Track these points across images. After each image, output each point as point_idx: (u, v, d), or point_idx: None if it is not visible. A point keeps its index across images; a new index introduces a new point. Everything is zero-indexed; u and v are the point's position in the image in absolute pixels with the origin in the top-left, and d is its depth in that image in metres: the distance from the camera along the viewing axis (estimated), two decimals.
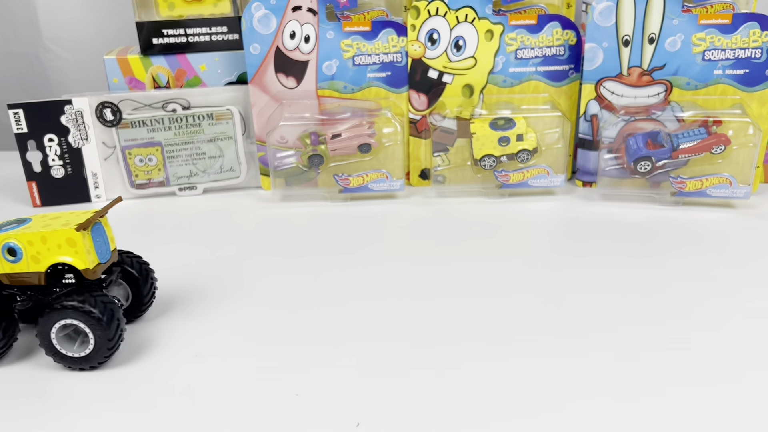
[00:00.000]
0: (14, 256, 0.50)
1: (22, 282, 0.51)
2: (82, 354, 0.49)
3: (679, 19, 0.74)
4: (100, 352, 0.49)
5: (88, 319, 0.48)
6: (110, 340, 0.49)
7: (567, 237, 0.72)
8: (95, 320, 0.48)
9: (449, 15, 0.78)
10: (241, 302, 0.60)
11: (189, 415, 0.46)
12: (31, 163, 0.81)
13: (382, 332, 0.54)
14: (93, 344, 0.49)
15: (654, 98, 0.78)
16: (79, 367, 0.50)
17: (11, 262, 0.50)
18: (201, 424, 0.45)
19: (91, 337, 0.49)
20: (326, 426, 0.45)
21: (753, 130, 0.74)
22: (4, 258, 0.50)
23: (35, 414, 0.46)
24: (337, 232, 0.74)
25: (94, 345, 0.49)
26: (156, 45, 0.82)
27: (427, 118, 0.82)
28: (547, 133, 0.79)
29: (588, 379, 0.49)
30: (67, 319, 0.48)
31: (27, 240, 0.49)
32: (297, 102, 0.81)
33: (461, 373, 0.49)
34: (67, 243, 0.49)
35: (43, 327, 0.49)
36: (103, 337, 0.49)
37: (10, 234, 0.49)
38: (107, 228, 0.52)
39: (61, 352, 0.50)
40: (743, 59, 0.75)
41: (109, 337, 0.49)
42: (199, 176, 0.84)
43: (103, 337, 0.49)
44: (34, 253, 0.49)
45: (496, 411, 0.45)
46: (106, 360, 0.50)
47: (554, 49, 0.79)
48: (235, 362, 0.51)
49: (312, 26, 0.79)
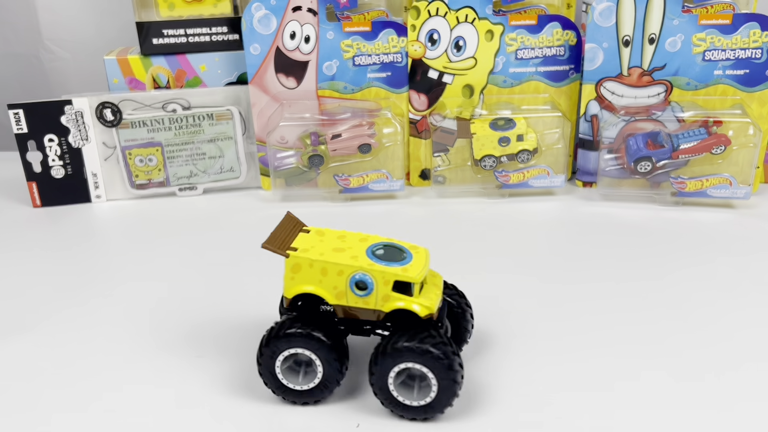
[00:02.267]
0: (364, 291, 0.45)
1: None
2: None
3: (680, 20, 0.74)
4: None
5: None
6: (455, 383, 0.43)
7: (567, 237, 0.72)
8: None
9: (449, 15, 0.78)
10: (241, 302, 0.60)
11: None
12: (31, 163, 0.81)
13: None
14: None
15: (654, 98, 0.78)
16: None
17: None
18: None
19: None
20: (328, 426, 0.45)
21: (753, 130, 0.74)
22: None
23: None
24: None
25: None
26: (156, 45, 0.82)
27: (427, 118, 0.82)
28: (547, 133, 0.79)
29: (590, 382, 0.49)
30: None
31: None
32: (297, 102, 0.81)
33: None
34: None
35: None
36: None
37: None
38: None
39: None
40: (743, 59, 0.75)
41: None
42: (200, 176, 0.84)
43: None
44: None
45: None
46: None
47: (554, 50, 0.79)
48: (238, 362, 0.51)
49: (312, 26, 0.79)
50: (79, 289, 0.64)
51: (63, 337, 0.56)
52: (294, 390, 0.46)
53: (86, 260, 0.70)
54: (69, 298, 0.62)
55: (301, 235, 0.48)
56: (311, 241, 0.47)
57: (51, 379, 0.51)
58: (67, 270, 0.68)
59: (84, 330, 0.57)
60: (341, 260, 0.45)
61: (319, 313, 0.46)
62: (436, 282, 0.47)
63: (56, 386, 0.50)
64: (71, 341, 0.56)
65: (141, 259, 0.69)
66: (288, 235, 0.48)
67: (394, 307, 0.45)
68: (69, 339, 0.56)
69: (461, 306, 0.50)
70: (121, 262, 0.69)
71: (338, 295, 0.45)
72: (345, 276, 0.45)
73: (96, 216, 0.81)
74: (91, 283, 0.65)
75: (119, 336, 0.56)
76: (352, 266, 0.44)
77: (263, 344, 0.46)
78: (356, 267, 0.44)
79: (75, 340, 0.56)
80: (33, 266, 0.69)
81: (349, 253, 0.46)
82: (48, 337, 0.56)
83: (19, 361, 0.53)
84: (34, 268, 0.68)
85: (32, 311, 0.60)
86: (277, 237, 0.47)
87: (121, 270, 0.67)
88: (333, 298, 0.46)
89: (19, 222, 0.79)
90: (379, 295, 0.45)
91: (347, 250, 0.46)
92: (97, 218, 0.80)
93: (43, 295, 0.63)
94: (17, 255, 0.72)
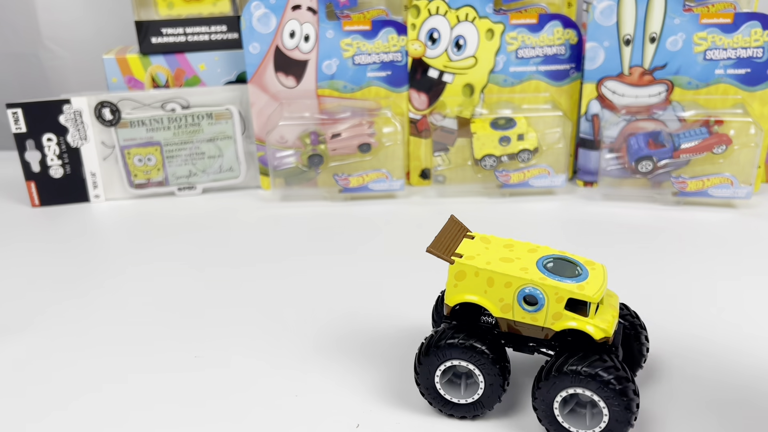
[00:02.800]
0: (533, 306, 0.42)
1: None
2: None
3: (681, 19, 0.74)
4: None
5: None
6: (629, 412, 0.40)
7: (568, 237, 0.72)
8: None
9: (450, 14, 0.77)
10: (239, 302, 0.60)
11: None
12: (30, 162, 0.81)
13: (383, 331, 0.54)
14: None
15: (655, 98, 0.77)
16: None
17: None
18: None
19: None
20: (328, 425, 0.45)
21: (754, 129, 0.74)
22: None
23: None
24: (337, 232, 0.73)
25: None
26: (155, 44, 0.82)
27: (427, 117, 0.82)
28: (548, 132, 0.79)
29: None
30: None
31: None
32: (296, 101, 0.81)
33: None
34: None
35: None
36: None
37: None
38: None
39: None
40: (745, 59, 0.74)
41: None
42: (199, 176, 0.84)
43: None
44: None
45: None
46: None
47: (555, 49, 0.78)
48: (237, 363, 0.51)
49: (312, 25, 0.78)
50: (77, 288, 0.64)
51: (62, 336, 0.56)
52: (452, 403, 0.44)
53: (85, 260, 0.70)
54: (68, 298, 0.62)
55: (466, 241, 0.45)
56: (477, 248, 0.45)
57: (50, 379, 0.51)
58: (66, 270, 0.68)
59: (83, 330, 0.57)
60: (510, 271, 0.42)
61: (480, 324, 0.44)
62: (613, 302, 0.44)
63: (56, 386, 0.50)
64: (71, 341, 0.55)
65: (140, 258, 0.69)
66: (452, 239, 0.45)
67: (566, 327, 0.41)
68: (68, 339, 0.56)
69: (635, 328, 0.46)
70: (120, 261, 0.69)
71: (504, 308, 0.43)
72: (513, 288, 0.42)
73: (95, 216, 0.80)
74: (89, 282, 0.65)
75: (119, 336, 0.56)
76: (522, 279, 0.41)
77: (422, 353, 0.44)
78: (526, 280, 0.41)
79: (74, 340, 0.55)
80: (32, 266, 0.69)
81: (518, 264, 0.43)
82: (47, 336, 0.56)
83: (18, 361, 0.53)
84: (33, 268, 0.68)
85: (31, 311, 0.60)
86: (441, 241, 0.45)
87: (119, 270, 0.67)
88: (498, 311, 0.43)
89: (18, 222, 0.79)
90: (550, 313, 0.41)
91: (516, 261, 0.43)
92: (96, 218, 0.80)
93: (41, 295, 0.63)
94: (16, 255, 0.71)
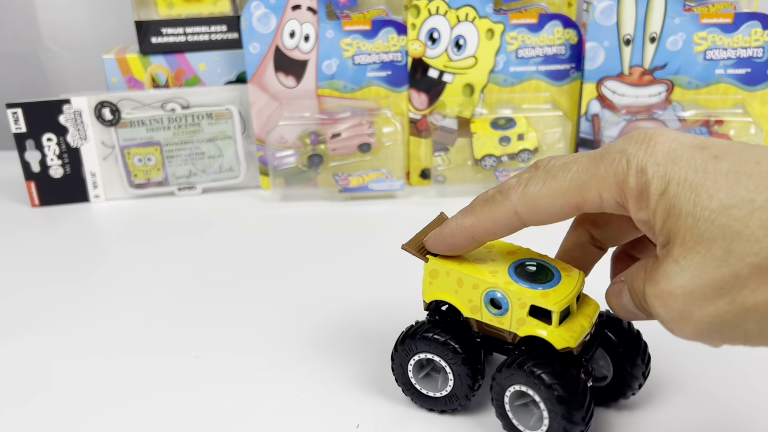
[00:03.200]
0: (498, 310, 0.41)
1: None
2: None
3: (681, 18, 0.74)
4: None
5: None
6: (570, 423, 0.39)
7: (559, 236, 0.72)
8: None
9: (450, 14, 0.77)
10: (239, 301, 0.60)
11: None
12: (30, 162, 0.81)
13: (382, 331, 0.54)
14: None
15: (655, 98, 0.77)
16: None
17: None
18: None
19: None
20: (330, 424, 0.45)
21: (755, 129, 0.74)
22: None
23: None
24: (337, 232, 0.73)
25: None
26: (155, 44, 0.82)
27: (427, 117, 0.81)
28: (548, 132, 0.79)
29: None
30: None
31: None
32: (296, 101, 0.81)
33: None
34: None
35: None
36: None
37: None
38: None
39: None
40: (745, 58, 0.75)
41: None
42: (198, 176, 0.84)
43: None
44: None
45: None
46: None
47: (555, 49, 0.78)
48: (236, 362, 0.51)
49: (312, 25, 0.78)
50: (77, 288, 0.64)
51: (62, 336, 0.56)
52: (424, 395, 0.45)
53: (85, 260, 0.70)
54: (67, 297, 0.62)
55: None
56: None
57: (50, 378, 0.51)
58: (66, 269, 0.68)
59: (83, 329, 0.57)
60: (478, 273, 0.41)
61: (460, 321, 0.44)
62: (589, 312, 0.42)
63: (55, 386, 0.50)
64: (70, 340, 0.55)
65: (139, 258, 0.69)
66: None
67: (529, 333, 0.41)
68: (68, 338, 0.56)
69: (625, 346, 0.43)
70: (120, 261, 0.69)
71: (473, 308, 0.42)
72: (480, 291, 0.41)
73: (94, 215, 0.80)
74: (89, 282, 0.65)
75: (118, 335, 0.56)
76: (487, 282, 0.41)
77: (398, 341, 0.44)
78: (491, 283, 0.41)
79: (74, 340, 0.55)
80: (31, 265, 0.69)
81: (490, 266, 0.42)
82: (47, 336, 0.56)
83: (18, 361, 0.53)
84: (33, 268, 0.68)
85: (31, 310, 0.60)
86: (420, 239, 0.44)
87: (119, 269, 0.67)
88: (468, 311, 0.43)
89: (18, 221, 0.79)
90: (514, 317, 0.41)
91: (490, 263, 0.42)
92: (96, 218, 0.80)
93: (41, 294, 0.63)
94: (16, 254, 0.72)
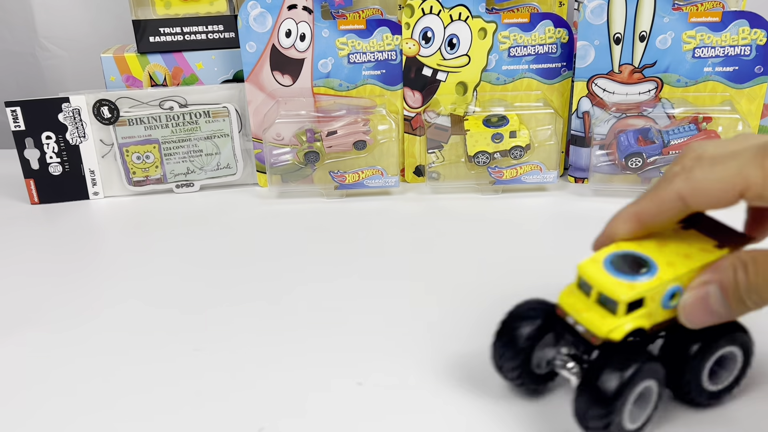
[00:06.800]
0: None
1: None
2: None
3: (670, 17, 0.75)
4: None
5: (749, 346, 0.42)
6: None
7: (559, 232, 0.73)
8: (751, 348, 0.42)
9: (443, 13, 0.78)
10: (237, 298, 0.61)
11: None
12: (29, 160, 0.82)
13: (382, 329, 0.55)
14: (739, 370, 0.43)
15: (645, 95, 0.78)
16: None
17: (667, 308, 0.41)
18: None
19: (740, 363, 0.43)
20: (329, 421, 0.46)
21: (742, 126, 0.75)
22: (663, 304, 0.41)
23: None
24: (333, 229, 0.74)
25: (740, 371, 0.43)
26: (153, 43, 0.83)
27: (421, 115, 0.82)
28: (539, 129, 0.80)
29: None
30: (731, 347, 0.42)
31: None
32: (293, 99, 0.82)
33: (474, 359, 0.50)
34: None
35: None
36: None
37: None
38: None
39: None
40: (733, 56, 0.76)
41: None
42: (196, 173, 0.85)
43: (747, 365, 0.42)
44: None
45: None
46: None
47: (547, 47, 0.79)
48: (235, 358, 0.52)
49: (307, 24, 0.79)
50: (76, 285, 0.64)
51: (61, 333, 0.56)
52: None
53: (84, 257, 0.70)
54: (67, 294, 0.62)
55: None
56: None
57: (49, 375, 0.51)
58: (65, 266, 0.68)
59: (82, 326, 0.57)
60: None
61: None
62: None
63: (55, 386, 0.50)
64: (69, 338, 0.55)
65: (138, 255, 0.70)
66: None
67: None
68: (67, 335, 0.56)
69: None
70: (119, 258, 0.69)
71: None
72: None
73: (94, 213, 0.81)
74: (88, 279, 0.65)
75: (117, 332, 0.56)
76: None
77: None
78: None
79: (73, 337, 0.55)
80: (31, 263, 0.69)
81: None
82: (46, 333, 0.56)
83: (17, 361, 0.53)
84: (32, 265, 0.69)
85: (30, 307, 0.60)
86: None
87: (118, 266, 0.68)
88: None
89: (17, 219, 0.80)
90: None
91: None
92: (95, 215, 0.81)
93: (40, 292, 0.63)
94: (15, 252, 0.72)
